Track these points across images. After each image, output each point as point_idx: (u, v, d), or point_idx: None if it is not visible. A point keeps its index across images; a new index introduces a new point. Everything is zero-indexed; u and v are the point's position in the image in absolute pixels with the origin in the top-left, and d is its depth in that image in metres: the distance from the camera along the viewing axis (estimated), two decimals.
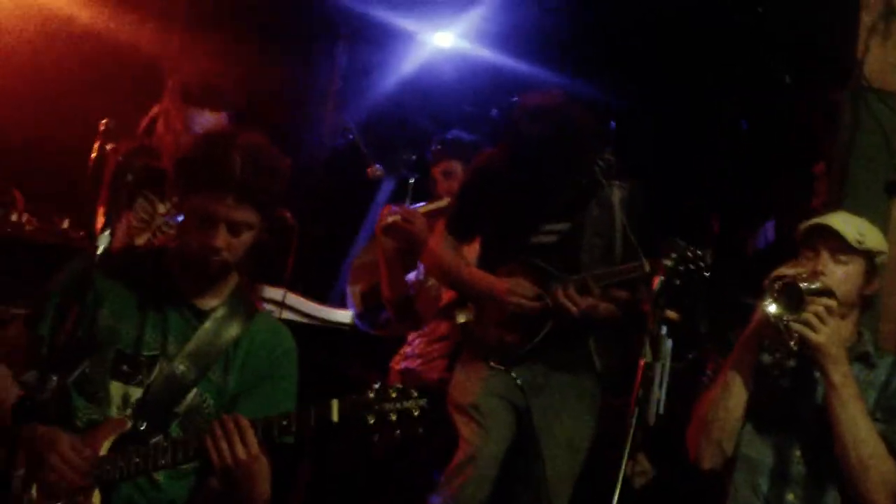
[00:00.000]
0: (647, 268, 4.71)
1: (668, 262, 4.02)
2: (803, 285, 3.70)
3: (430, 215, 5.77)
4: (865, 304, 3.94)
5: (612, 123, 5.20)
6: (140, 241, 5.15)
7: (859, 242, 3.83)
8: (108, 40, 7.01)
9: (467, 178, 5.32)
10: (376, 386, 3.27)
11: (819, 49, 5.69)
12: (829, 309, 3.70)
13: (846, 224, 3.88)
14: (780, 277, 3.77)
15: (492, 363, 4.98)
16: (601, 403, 5.03)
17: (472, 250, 5.35)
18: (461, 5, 7.49)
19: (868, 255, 3.86)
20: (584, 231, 5.01)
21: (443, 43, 7.74)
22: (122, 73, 6.88)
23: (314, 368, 3.80)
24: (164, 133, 5.29)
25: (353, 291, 6.30)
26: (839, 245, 3.84)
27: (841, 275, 3.82)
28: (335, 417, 3.25)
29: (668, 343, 3.75)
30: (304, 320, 5.80)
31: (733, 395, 3.84)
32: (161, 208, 5.24)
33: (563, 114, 4.98)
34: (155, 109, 5.42)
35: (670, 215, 5.44)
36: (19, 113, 6.76)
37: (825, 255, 3.85)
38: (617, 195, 5.03)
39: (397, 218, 5.68)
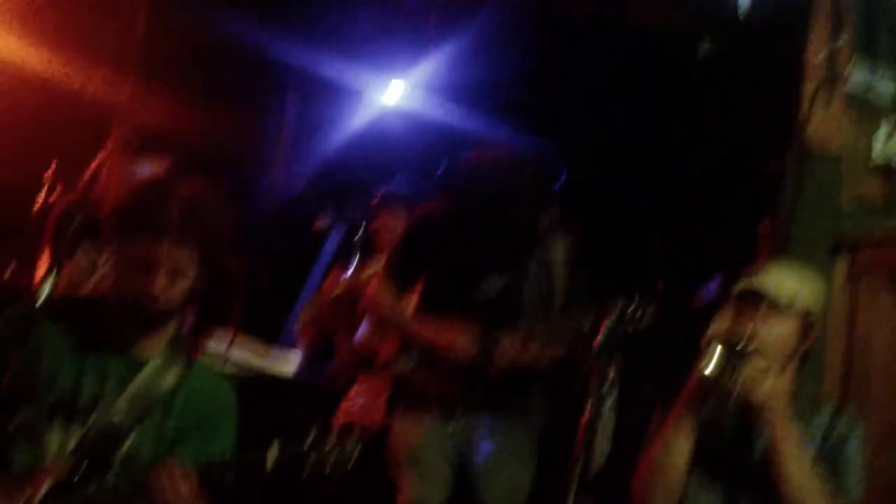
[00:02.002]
0: (587, 326, 4.73)
1: (609, 322, 4.06)
2: (739, 346, 3.74)
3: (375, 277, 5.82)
4: (803, 358, 3.97)
5: (563, 174, 5.23)
6: (82, 291, 5.13)
7: (789, 306, 3.87)
8: (58, 87, 6.99)
9: (407, 230, 5.33)
10: (312, 436, 3.28)
11: (763, 114, 5.76)
12: (766, 368, 3.74)
13: (779, 283, 3.91)
14: (715, 337, 3.80)
15: (431, 414, 4.98)
16: (540, 458, 5.05)
17: (409, 298, 5.36)
18: (411, 60, 7.54)
19: (802, 315, 3.90)
20: (524, 286, 5.04)
21: (392, 98, 7.79)
22: (72, 121, 6.85)
23: (256, 417, 3.78)
24: (107, 182, 5.28)
25: (300, 341, 6.32)
26: (772, 306, 3.88)
27: (774, 336, 3.85)
28: (269, 466, 3.25)
29: (612, 396, 3.78)
30: (246, 374, 5.79)
31: (675, 453, 3.86)
32: (102, 259, 5.23)
33: (503, 170, 5.00)
34: (99, 158, 5.42)
35: (615, 270, 5.46)
36: None
37: (758, 316, 3.87)
38: (559, 251, 5.06)
39: (340, 290, 5.75)
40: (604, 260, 5.28)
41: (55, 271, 5.01)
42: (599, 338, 3.99)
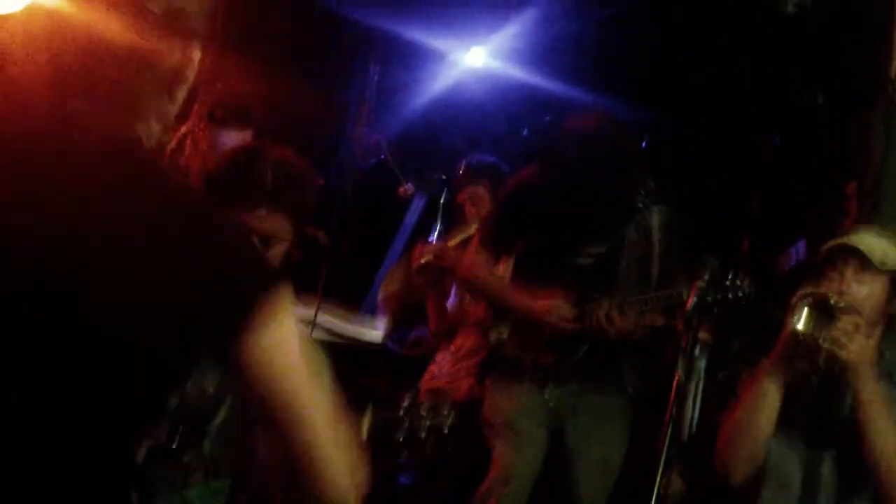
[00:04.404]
0: (685, 295, 4.69)
1: (701, 283, 4.03)
2: (832, 301, 3.71)
3: (461, 247, 5.81)
4: (889, 323, 3.93)
5: (643, 142, 5.19)
6: None
7: (883, 263, 3.82)
8: (141, 59, 7.02)
9: (505, 195, 5.30)
10: (406, 403, 3.27)
11: (852, 67, 5.67)
12: (856, 326, 3.69)
13: (871, 244, 3.87)
14: (807, 295, 3.77)
15: (526, 383, 4.97)
16: (634, 424, 5.02)
17: (504, 266, 5.35)
18: (493, 24, 7.50)
19: (892, 275, 3.85)
20: (621, 255, 5.00)
21: (474, 62, 7.75)
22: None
23: (344, 384, 3.79)
24: (191, 154, 5.31)
25: (383, 310, 6.32)
26: (863, 265, 3.83)
27: (865, 293, 3.81)
28: (364, 434, 3.25)
29: (702, 362, 3.76)
30: (335, 339, 5.79)
31: (763, 411, 3.83)
32: None
33: (608, 138, 4.96)
34: (182, 130, 5.45)
35: (702, 235, 5.41)
36: (50, 130, 6.77)
37: (849, 274, 3.84)
38: (655, 219, 5.01)
39: (429, 257, 5.74)
40: (696, 226, 5.21)
41: None
42: (690, 303, 3.97)
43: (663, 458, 3.69)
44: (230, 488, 3.52)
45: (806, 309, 3.73)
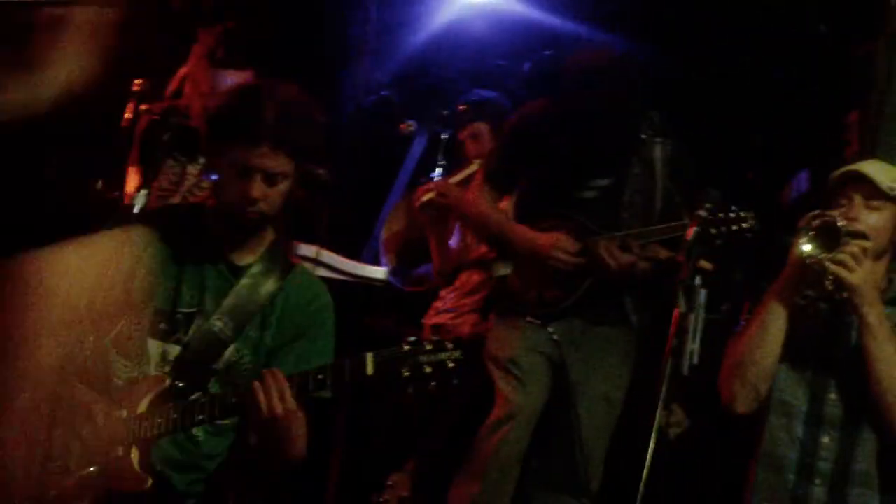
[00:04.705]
0: (687, 227, 4.69)
1: (702, 213, 4.04)
2: (840, 224, 3.72)
3: (463, 183, 5.81)
4: None
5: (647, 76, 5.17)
6: (171, 200, 5.18)
7: (891, 189, 3.84)
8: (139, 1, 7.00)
9: (509, 129, 5.26)
10: (411, 339, 3.28)
11: None
12: (863, 250, 3.71)
13: (879, 171, 3.90)
14: (816, 216, 3.78)
15: (529, 318, 4.99)
16: (636, 358, 5.04)
17: (506, 202, 5.35)
18: None
19: None
20: (624, 187, 5.00)
21: None
22: (155, 35, 6.86)
23: (347, 324, 3.81)
24: (191, 95, 5.30)
25: (386, 249, 6.33)
26: (872, 191, 3.86)
27: (873, 220, 3.85)
28: (370, 370, 3.26)
29: (703, 293, 3.77)
30: (338, 276, 5.81)
31: (769, 337, 3.85)
32: (191, 170, 5.27)
33: (612, 72, 4.93)
34: (182, 71, 5.44)
35: (705, 168, 5.41)
36: None
37: (858, 200, 3.87)
38: (659, 152, 5.01)
39: (432, 195, 5.74)
40: (699, 158, 5.20)
41: (148, 181, 5.05)
42: (691, 233, 3.98)
43: (664, 390, 3.71)
44: (235, 427, 3.55)
45: (813, 232, 3.75)
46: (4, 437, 3.42)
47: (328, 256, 5.88)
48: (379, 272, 6.15)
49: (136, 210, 3.37)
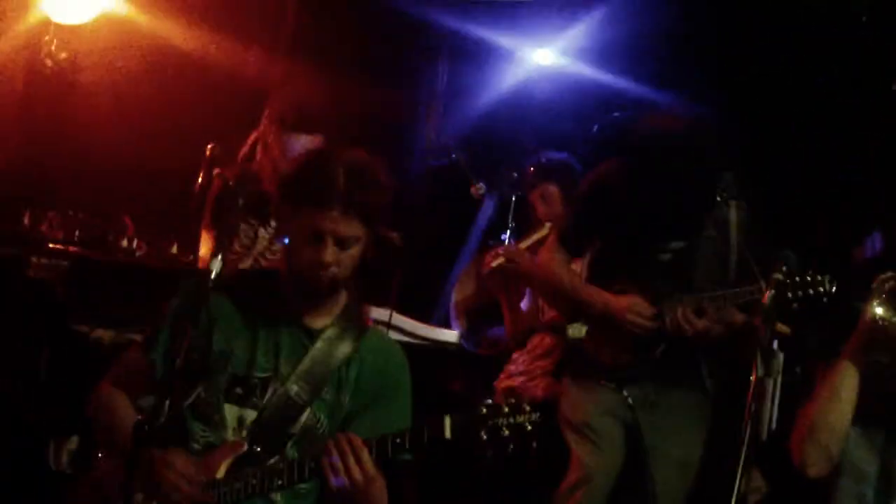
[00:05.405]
0: (763, 290, 4.64)
1: (779, 276, 4.00)
2: None
3: (534, 248, 5.81)
4: None
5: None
6: (243, 265, 5.22)
7: None
8: (212, 67, 7.11)
9: (584, 190, 5.24)
10: (488, 401, 3.27)
11: None
12: None
13: None
14: (889, 279, 3.74)
15: (603, 381, 4.96)
16: (711, 424, 4.99)
17: (579, 265, 5.33)
18: (561, 23, 7.50)
19: None
20: (699, 250, 4.97)
21: (543, 60, 7.74)
22: (227, 100, 6.95)
23: (420, 387, 3.80)
24: (262, 159, 5.35)
25: (457, 312, 6.34)
26: None
27: None
28: (448, 434, 3.25)
29: (780, 357, 3.73)
30: (411, 340, 5.82)
31: (842, 400, 3.82)
32: (263, 233, 5.31)
33: (690, 135, 4.92)
34: (253, 136, 5.49)
35: (778, 229, 5.38)
36: (126, 141, 6.87)
37: None
38: (734, 215, 4.98)
39: (501, 260, 5.75)
40: (772, 220, 5.18)
41: (223, 247, 5.09)
42: (768, 297, 3.94)
43: (743, 455, 3.67)
44: (314, 491, 3.54)
45: (885, 295, 3.71)
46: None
47: (401, 320, 5.90)
48: (451, 335, 6.16)
49: (212, 275, 3.37)
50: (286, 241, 3.59)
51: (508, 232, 6.34)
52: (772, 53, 6.72)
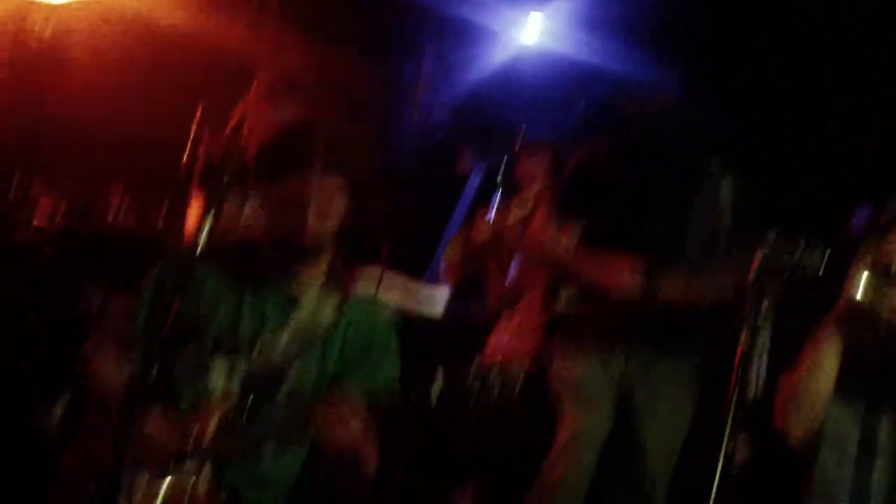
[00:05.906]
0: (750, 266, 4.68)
1: (765, 251, 4.01)
2: (893, 270, 3.68)
3: (521, 222, 5.82)
4: None
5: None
6: (232, 235, 5.22)
7: None
8: (199, 41, 7.10)
9: (573, 168, 5.29)
10: (474, 369, 3.28)
11: None
12: None
13: None
14: (866, 260, 3.74)
15: (593, 350, 4.99)
16: (701, 391, 5.04)
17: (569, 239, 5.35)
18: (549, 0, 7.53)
19: None
20: (688, 227, 5.01)
21: (530, 37, 7.76)
22: (214, 74, 6.94)
23: (406, 356, 3.81)
24: (252, 128, 5.34)
25: (446, 279, 6.35)
26: None
27: None
28: (436, 391, 3.27)
29: (767, 330, 3.75)
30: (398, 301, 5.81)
31: (821, 374, 3.81)
32: (248, 206, 5.31)
33: (678, 114, 4.96)
34: (241, 109, 5.49)
35: (769, 206, 5.40)
36: (113, 114, 6.87)
37: None
38: (723, 191, 5.01)
39: (488, 235, 5.76)
40: (762, 196, 5.20)
41: (212, 217, 5.09)
42: (754, 270, 3.95)
43: (730, 422, 3.69)
44: (303, 449, 3.55)
45: (865, 275, 3.70)
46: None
47: (387, 294, 5.90)
48: (437, 306, 6.17)
49: (199, 246, 3.37)
50: (267, 208, 3.59)
51: (496, 204, 6.34)
52: (759, 34, 6.74)
